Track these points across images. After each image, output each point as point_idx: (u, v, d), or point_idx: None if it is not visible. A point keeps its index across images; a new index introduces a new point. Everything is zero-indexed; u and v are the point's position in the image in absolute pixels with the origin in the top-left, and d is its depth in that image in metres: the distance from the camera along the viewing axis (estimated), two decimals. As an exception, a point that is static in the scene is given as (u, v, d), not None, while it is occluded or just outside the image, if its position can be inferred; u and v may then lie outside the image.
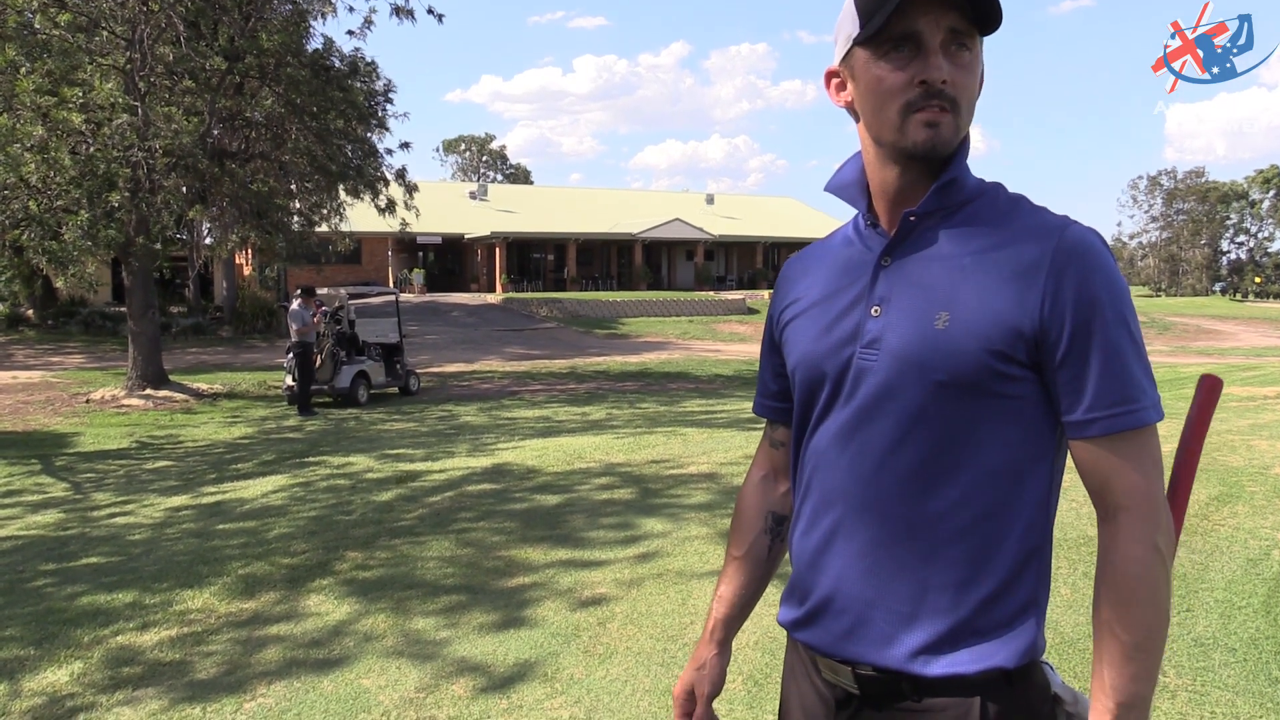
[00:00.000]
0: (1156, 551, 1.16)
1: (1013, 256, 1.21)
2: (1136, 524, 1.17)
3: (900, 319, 1.25)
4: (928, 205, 1.27)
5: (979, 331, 1.20)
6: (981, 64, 1.28)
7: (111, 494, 8.07)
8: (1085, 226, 1.23)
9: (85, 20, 13.54)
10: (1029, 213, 1.25)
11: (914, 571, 1.24)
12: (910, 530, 1.24)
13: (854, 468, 1.28)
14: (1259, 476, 6.95)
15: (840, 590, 1.29)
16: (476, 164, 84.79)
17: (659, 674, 3.73)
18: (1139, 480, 1.18)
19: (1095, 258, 1.19)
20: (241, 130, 16.95)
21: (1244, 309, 51.91)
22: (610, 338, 29.95)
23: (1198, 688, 3.46)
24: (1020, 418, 1.22)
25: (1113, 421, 1.18)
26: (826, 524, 1.32)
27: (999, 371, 1.20)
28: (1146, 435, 1.19)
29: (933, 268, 1.25)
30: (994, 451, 1.22)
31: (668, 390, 17.07)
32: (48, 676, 3.91)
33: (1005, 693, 1.22)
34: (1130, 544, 1.17)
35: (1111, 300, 1.18)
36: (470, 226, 43.34)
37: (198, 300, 31.18)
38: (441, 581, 5.02)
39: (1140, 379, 1.19)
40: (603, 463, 8.40)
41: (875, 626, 1.26)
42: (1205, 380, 1.34)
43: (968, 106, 1.25)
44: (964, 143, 1.28)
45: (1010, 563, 1.22)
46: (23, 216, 13.38)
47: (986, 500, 1.22)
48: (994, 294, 1.20)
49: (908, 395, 1.23)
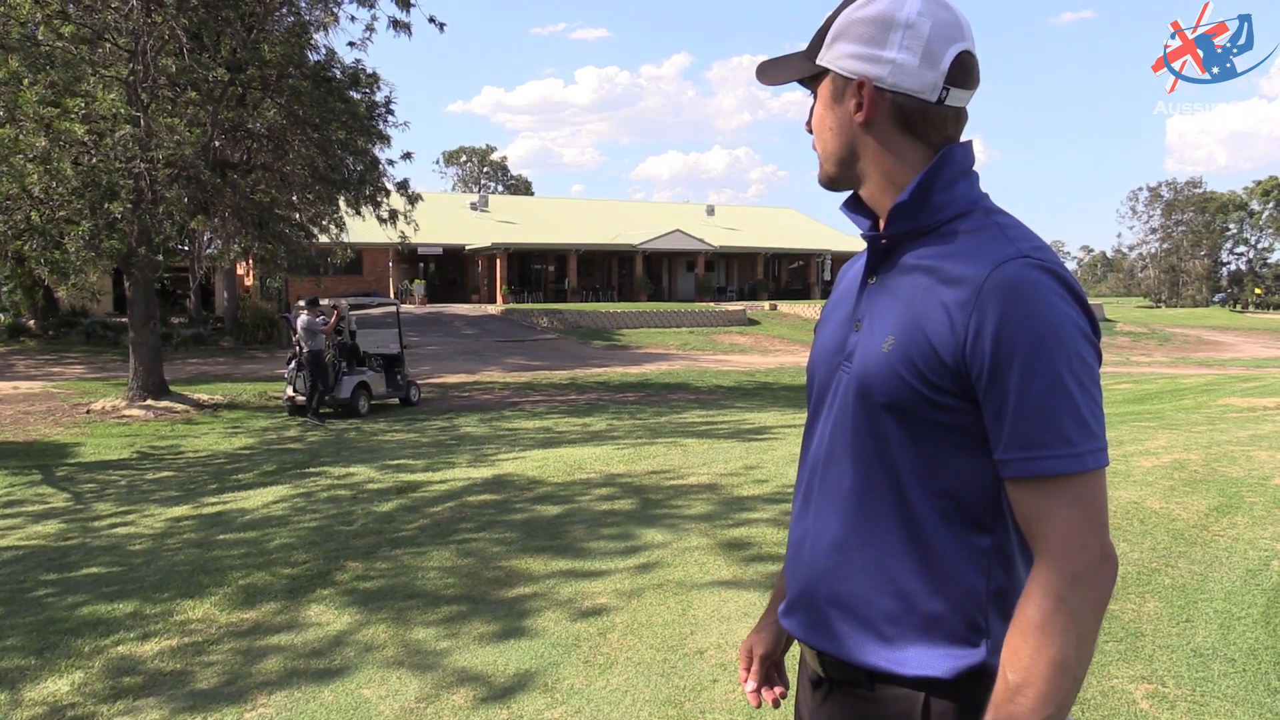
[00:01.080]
0: (1060, 601, 1.13)
1: (951, 286, 1.22)
2: (1045, 570, 1.15)
3: (866, 337, 1.31)
4: (891, 229, 1.32)
5: (910, 358, 1.23)
6: (840, 107, 1.35)
7: (112, 504, 8.08)
8: (1033, 261, 1.19)
9: (89, 32, 13.61)
10: (989, 239, 1.24)
11: (868, 576, 1.30)
12: (865, 539, 1.30)
13: (826, 472, 1.35)
14: (1259, 487, 6.96)
15: (810, 585, 1.37)
16: (477, 175, 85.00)
17: (659, 684, 3.73)
18: (1055, 526, 1.15)
19: (1024, 296, 1.16)
20: (243, 141, 17.01)
21: (1244, 320, 51.96)
22: (611, 349, 29.98)
23: (1197, 698, 3.46)
24: (967, 445, 1.23)
25: (1025, 465, 1.17)
26: (806, 521, 1.39)
27: (930, 400, 1.22)
28: (1068, 483, 1.15)
29: (898, 289, 1.29)
30: (942, 476, 1.24)
31: (668, 401, 17.08)
32: (49, 686, 3.91)
33: (951, 693, 1.24)
34: (1034, 588, 1.16)
35: (1035, 342, 1.15)
36: (471, 237, 43.40)
37: (199, 311, 31.22)
38: (442, 592, 5.03)
39: (1065, 425, 1.15)
40: (603, 473, 8.41)
41: (834, 621, 1.33)
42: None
43: (821, 150, 1.40)
44: (939, 162, 1.29)
45: (961, 584, 1.24)
46: (25, 227, 13.43)
47: (935, 521, 1.25)
48: (929, 322, 1.22)
49: (862, 412, 1.29)
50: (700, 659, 3.96)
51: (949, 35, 1.29)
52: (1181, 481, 7.17)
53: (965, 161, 1.32)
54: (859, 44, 1.32)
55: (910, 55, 1.28)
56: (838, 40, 1.34)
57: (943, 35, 1.28)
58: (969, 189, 1.31)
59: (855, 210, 1.43)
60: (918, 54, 1.28)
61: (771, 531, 5.97)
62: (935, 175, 1.29)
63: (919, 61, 1.28)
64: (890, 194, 1.33)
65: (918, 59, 1.28)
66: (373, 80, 17.48)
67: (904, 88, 1.29)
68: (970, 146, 1.34)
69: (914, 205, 1.29)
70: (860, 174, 1.37)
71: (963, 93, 1.31)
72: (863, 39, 1.31)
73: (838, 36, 1.34)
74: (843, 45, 1.33)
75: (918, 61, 1.28)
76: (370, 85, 17.45)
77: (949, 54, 1.28)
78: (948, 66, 1.28)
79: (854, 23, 1.32)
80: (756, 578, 5.04)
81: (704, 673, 3.82)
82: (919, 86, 1.29)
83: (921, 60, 1.28)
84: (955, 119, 1.32)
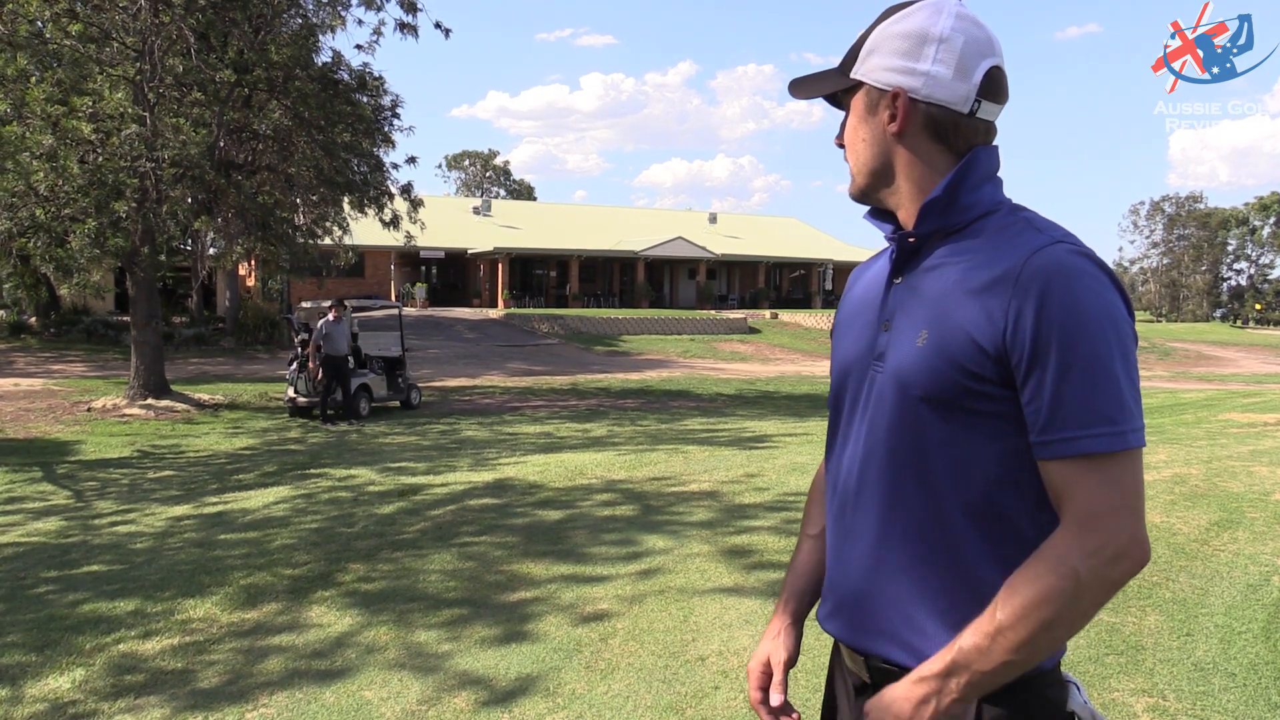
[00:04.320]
0: (1073, 571, 1.16)
1: (987, 276, 1.25)
2: (1069, 537, 1.18)
3: (898, 335, 1.33)
4: (920, 228, 1.34)
5: (948, 349, 1.25)
6: (874, 119, 1.39)
7: (113, 502, 8.08)
8: (1069, 246, 1.23)
9: (96, 31, 13.66)
10: (1019, 231, 1.28)
11: (910, 574, 1.32)
12: (904, 535, 1.32)
13: (863, 472, 1.37)
14: (1259, 502, 6.96)
15: (854, 586, 1.38)
16: (480, 180, 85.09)
17: (660, 690, 3.73)
18: (1089, 502, 1.18)
19: (1062, 280, 1.20)
20: (249, 142, 17.04)
21: (1244, 335, 51.96)
22: (612, 355, 29.99)
23: (1198, 712, 3.47)
24: (1002, 434, 1.25)
25: (1065, 446, 1.19)
26: (845, 522, 1.41)
27: (970, 389, 1.24)
28: (1107, 461, 1.18)
29: (928, 287, 1.32)
30: (978, 467, 1.27)
31: (669, 408, 17.08)
32: (50, 683, 3.92)
33: (1005, 699, 1.26)
34: (1052, 549, 1.19)
35: (1075, 325, 1.18)
36: (473, 242, 43.44)
37: (200, 311, 31.25)
38: (444, 595, 5.03)
39: (1106, 405, 1.18)
40: (604, 479, 8.41)
41: (880, 622, 1.35)
42: None
43: (854, 162, 1.43)
44: (968, 164, 1.33)
45: (999, 581, 1.25)
46: (30, 224, 13.45)
47: (975, 515, 1.27)
48: (965, 312, 1.25)
49: (898, 409, 1.31)
50: (701, 665, 3.96)
51: (981, 50, 1.32)
52: (1182, 496, 7.18)
53: (991, 165, 1.35)
54: (894, 57, 1.35)
55: (944, 68, 1.31)
56: (872, 54, 1.38)
57: (975, 50, 1.32)
58: (994, 191, 1.35)
59: (879, 218, 1.46)
60: (951, 67, 1.31)
61: (773, 539, 5.97)
62: (965, 176, 1.32)
63: (952, 74, 1.31)
64: (920, 202, 1.36)
65: (951, 71, 1.31)
66: (378, 83, 17.52)
67: (938, 99, 1.32)
68: (996, 151, 1.37)
69: (944, 203, 1.32)
70: (892, 185, 1.40)
71: (993, 106, 1.34)
72: (898, 52, 1.34)
73: (872, 51, 1.38)
74: (877, 59, 1.37)
75: (951, 74, 1.31)
76: (376, 88, 17.48)
77: (981, 68, 1.32)
78: (980, 80, 1.32)
79: (889, 37, 1.36)
80: (758, 585, 5.05)
81: (705, 679, 3.82)
82: (952, 98, 1.32)
83: (955, 73, 1.31)
84: (985, 132, 1.35)
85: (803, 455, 9.81)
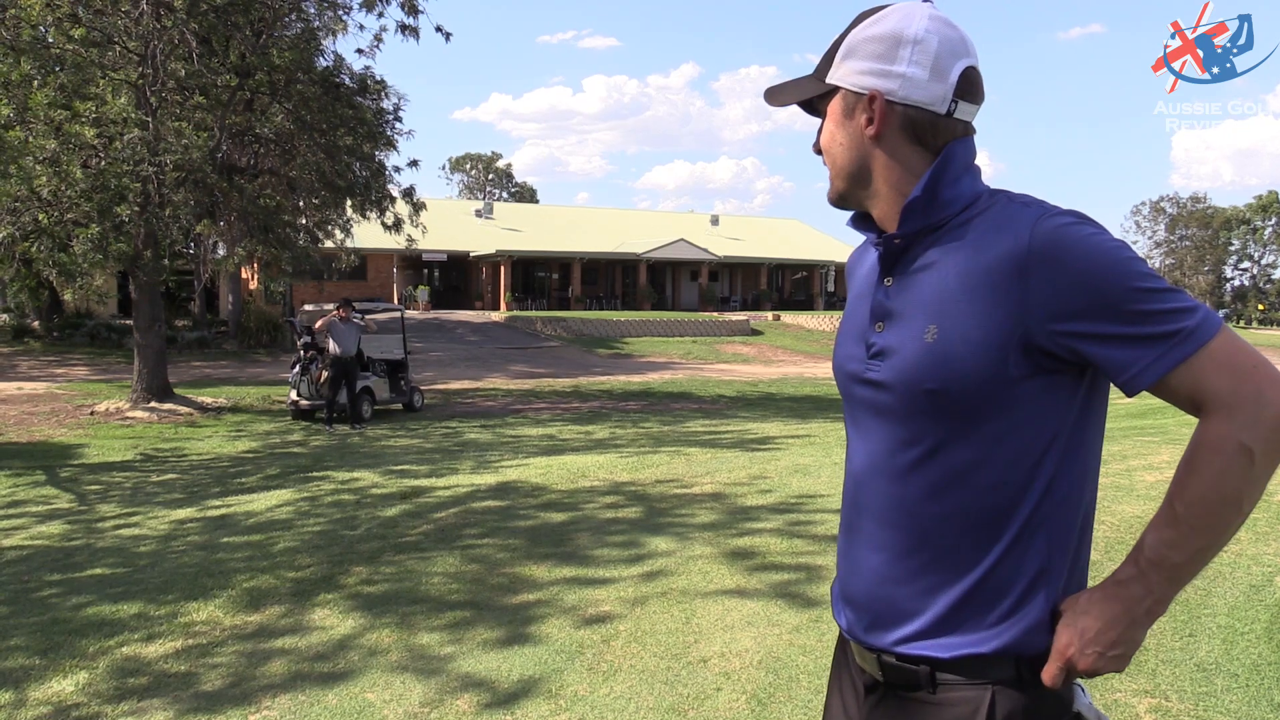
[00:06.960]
0: (1241, 447, 1.17)
1: (991, 260, 1.25)
2: (1224, 420, 1.18)
3: (896, 333, 1.33)
4: (905, 228, 1.35)
5: (962, 339, 1.26)
6: (851, 123, 1.39)
7: (117, 506, 8.09)
8: (1062, 216, 1.24)
9: (99, 35, 13.69)
10: (1006, 214, 1.28)
11: (920, 568, 1.33)
12: (911, 530, 1.33)
13: (866, 468, 1.39)
14: (1261, 503, 6.92)
15: (863, 582, 1.40)
16: (483, 182, 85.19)
17: (663, 692, 3.74)
18: (1223, 386, 1.18)
19: (1070, 243, 1.21)
20: (251, 146, 17.10)
21: (1248, 336, 51.88)
22: (614, 357, 30.00)
23: (1200, 713, 3.47)
24: (1013, 419, 1.26)
25: (1162, 361, 1.19)
26: (852, 519, 1.43)
27: (987, 375, 1.25)
28: (1211, 348, 1.18)
29: (924, 284, 1.32)
30: (986, 456, 1.28)
31: (671, 410, 17.08)
32: (53, 686, 3.93)
33: (1014, 696, 1.27)
34: (1214, 432, 1.19)
35: (1101, 272, 1.20)
36: (475, 244, 43.49)
37: (203, 314, 31.31)
38: (447, 597, 5.04)
39: (1170, 309, 1.19)
40: (608, 481, 8.42)
41: (890, 616, 1.36)
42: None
43: (832, 166, 1.43)
44: (944, 159, 1.33)
45: (1008, 567, 1.27)
46: (33, 229, 13.48)
47: (980, 505, 1.29)
48: (975, 302, 1.26)
49: (904, 405, 1.32)
50: (704, 667, 3.97)
51: (955, 51, 1.33)
52: (1185, 496, 7.16)
53: (967, 157, 1.36)
54: (869, 60, 1.35)
55: (919, 69, 1.32)
56: (847, 59, 1.38)
57: (949, 51, 1.33)
58: (973, 182, 1.36)
59: (862, 224, 1.47)
60: (926, 68, 1.32)
61: (777, 541, 5.98)
62: (943, 172, 1.33)
63: (928, 75, 1.32)
64: (899, 205, 1.37)
65: (927, 73, 1.32)
66: (380, 87, 17.55)
67: (914, 100, 1.33)
68: (971, 142, 1.37)
69: (925, 202, 1.33)
70: (870, 189, 1.41)
71: (970, 106, 1.35)
72: (872, 55, 1.35)
73: (847, 55, 1.39)
74: (853, 63, 1.38)
75: (927, 75, 1.32)
76: (378, 92, 17.52)
77: (956, 68, 1.33)
78: (955, 80, 1.33)
79: (863, 41, 1.37)
80: (761, 587, 5.05)
81: (707, 681, 3.82)
82: (929, 99, 1.33)
83: (930, 74, 1.32)
84: (963, 132, 1.36)
85: (806, 457, 9.81)
